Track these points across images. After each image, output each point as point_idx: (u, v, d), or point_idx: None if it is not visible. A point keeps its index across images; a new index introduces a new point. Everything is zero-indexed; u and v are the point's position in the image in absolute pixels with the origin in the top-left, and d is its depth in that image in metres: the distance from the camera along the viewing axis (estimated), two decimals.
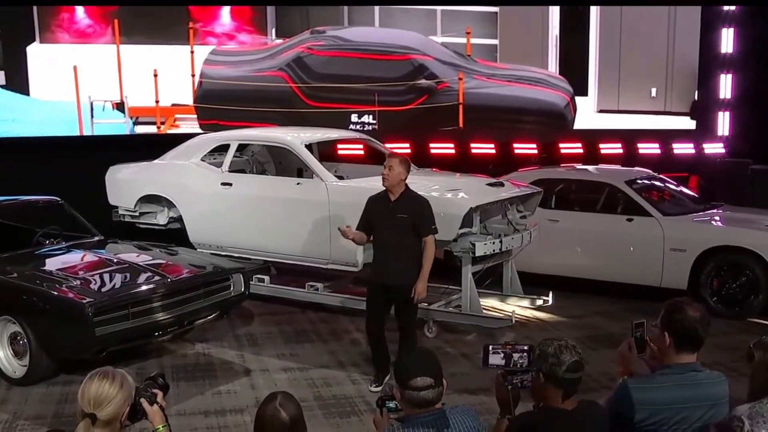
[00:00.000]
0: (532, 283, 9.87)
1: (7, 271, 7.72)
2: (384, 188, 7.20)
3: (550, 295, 9.55)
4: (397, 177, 7.04)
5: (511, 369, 3.97)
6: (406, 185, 7.15)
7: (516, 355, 3.99)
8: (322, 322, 9.45)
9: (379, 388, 7.22)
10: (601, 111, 15.72)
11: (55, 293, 7.23)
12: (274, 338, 8.93)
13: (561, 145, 14.70)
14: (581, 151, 14.62)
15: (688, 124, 15.61)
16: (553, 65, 15.49)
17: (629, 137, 14.99)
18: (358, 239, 7.44)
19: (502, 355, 3.99)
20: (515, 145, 14.69)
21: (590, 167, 11.82)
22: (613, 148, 14.81)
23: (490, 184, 9.15)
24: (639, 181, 10.58)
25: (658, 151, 15.03)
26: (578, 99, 15.21)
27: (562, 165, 12.73)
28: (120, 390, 3.36)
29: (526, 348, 4.00)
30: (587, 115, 15.48)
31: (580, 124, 15.20)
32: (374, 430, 3.94)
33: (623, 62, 15.44)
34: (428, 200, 7.28)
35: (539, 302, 9.58)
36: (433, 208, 8.25)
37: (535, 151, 14.67)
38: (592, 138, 14.81)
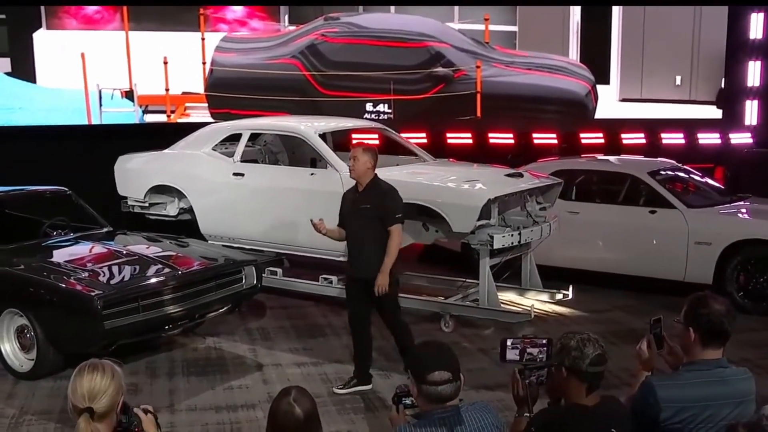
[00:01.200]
0: (552, 277, 9.86)
1: (13, 263, 7.76)
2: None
3: (570, 289, 9.52)
4: (362, 167, 6.94)
5: (528, 364, 3.96)
6: (375, 175, 7.05)
7: (534, 350, 3.98)
8: (335, 315, 9.45)
9: (343, 391, 7.18)
10: (623, 100, 15.64)
11: (63, 285, 7.26)
12: (286, 332, 8.95)
13: (582, 135, 14.65)
14: (602, 141, 14.58)
15: (714, 113, 15.51)
16: (573, 53, 15.43)
17: (652, 127, 14.93)
18: (333, 235, 7.33)
19: (520, 349, 3.98)
20: (534, 135, 14.66)
21: (612, 158, 11.77)
22: (636, 138, 14.76)
23: (508, 175, 9.13)
24: (662, 172, 10.52)
25: (683, 141, 14.96)
26: (600, 87, 15.15)
27: (582, 155, 12.69)
28: (112, 380, 3.36)
29: (544, 342, 3.99)
30: (609, 103, 15.41)
31: (601, 113, 15.14)
32: (387, 427, 3.93)
33: (647, 49, 15.36)
34: (395, 189, 7.12)
35: (559, 296, 9.55)
36: (450, 199, 8.28)
37: (555, 141, 14.63)
38: (613, 128, 14.76)
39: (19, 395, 7.21)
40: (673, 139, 14.93)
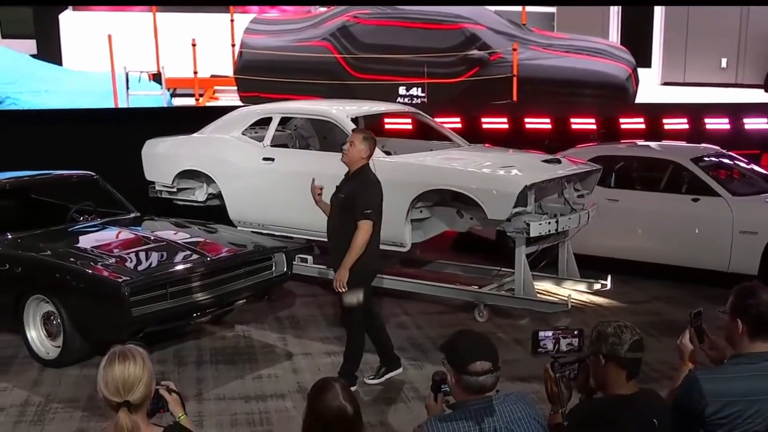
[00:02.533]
0: (590, 266, 9.79)
1: (40, 249, 7.83)
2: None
3: (609, 278, 9.45)
4: (357, 154, 6.79)
5: (559, 357, 3.93)
6: (366, 166, 6.89)
7: (565, 341, 3.95)
8: None
9: (375, 381, 7.15)
10: (665, 83, 15.51)
11: (90, 272, 7.30)
12: (316, 321, 8.97)
13: (621, 120, 14.52)
14: (643, 126, 14.44)
15: (761, 97, 15.32)
16: (614, 35, 15.31)
17: (696, 112, 14.75)
18: (324, 208, 7.15)
19: (553, 341, 3.95)
20: (573, 120, 14.55)
21: (653, 143, 11.67)
22: (678, 124, 14.59)
23: (545, 161, 9.09)
24: (706, 159, 10.42)
25: (728, 127, 14.75)
26: (641, 71, 15.02)
27: (622, 141, 12.60)
28: (144, 367, 3.29)
29: (576, 333, 3.97)
30: (650, 87, 15.29)
31: (642, 97, 15.02)
32: (422, 418, 3.90)
33: (691, 30, 15.20)
34: (378, 184, 6.91)
35: (597, 286, 9.49)
36: (485, 185, 8.25)
37: (594, 127, 14.51)
38: (655, 112, 14.62)
39: (45, 383, 7.29)
40: (717, 124, 14.74)
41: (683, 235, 9.87)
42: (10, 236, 8.08)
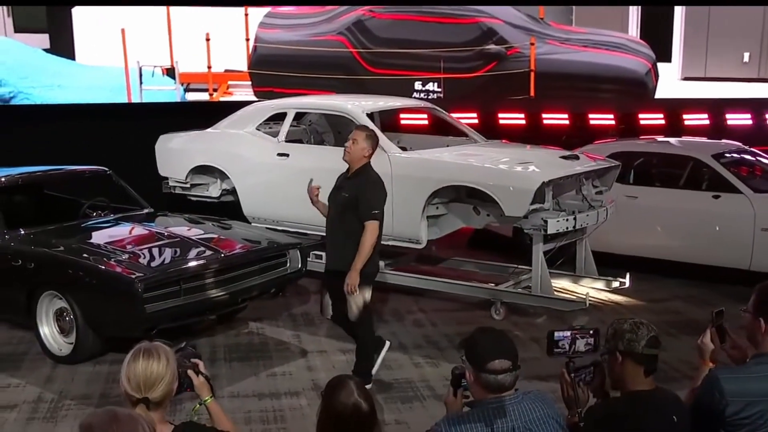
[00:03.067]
0: (608, 264, 9.77)
1: (52, 244, 7.86)
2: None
3: (627, 276, 9.42)
4: (359, 152, 6.76)
5: (575, 359, 3.93)
6: (368, 164, 6.86)
7: (582, 341, 3.95)
8: (382, 301, 9.45)
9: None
10: (685, 78, 15.45)
11: (103, 267, 7.33)
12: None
13: (641, 116, 14.46)
14: (663, 122, 14.39)
15: None
16: (633, 29, 15.25)
17: (717, 107, 14.68)
18: (320, 208, 7.13)
19: (569, 341, 3.95)
20: (591, 116, 14.51)
21: (673, 139, 11.63)
22: (699, 119, 14.53)
23: (563, 157, 9.06)
24: (727, 155, 10.37)
25: (750, 122, 14.67)
26: (661, 65, 14.97)
27: (641, 137, 12.54)
28: (167, 367, 3.33)
29: (592, 332, 3.96)
30: (670, 82, 15.24)
31: (662, 92, 14.96)
32: (437, 416, 3.90)
33: (712, 24, 15.13)
34: (382, 183, 6.89)
35: (615, 284, 9.46)
36: (502, 181, 8.24)
37: (613, 122, 14.46)
38: (675, 108, 14.56)
39: (58, 379, 7.32)
40: (739, 119, 14.66)
41: (704, 232, 9.83)
42: (22, 232, 8.14)
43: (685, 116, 14.48)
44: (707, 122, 14.52)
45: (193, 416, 3.84)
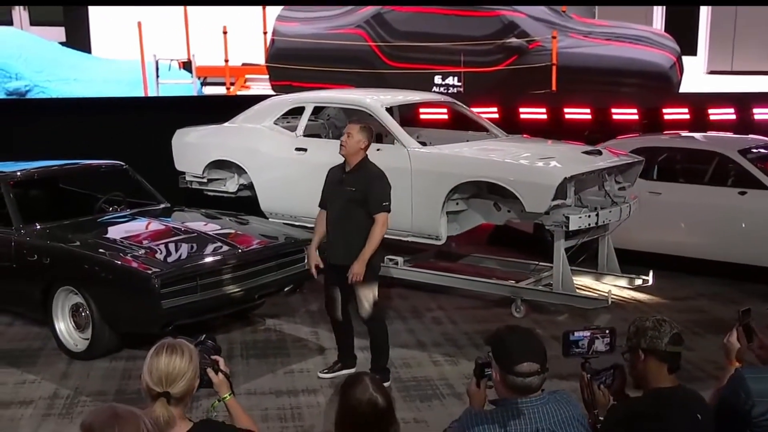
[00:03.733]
0: (631, 261, 9.74)
1: (68, 240, 7.91)
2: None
3: (651, 274, 9.39)
4: (355, 145, 6.82)
5: (590, 357, 3.92)
6: (366, 156, 6.92)
7: (599, 341, 3.93)
8: (401, 298, 9.47)
9: (328, 375, 7.19)
10: (711, 72, 15.37)
11: (119, 263, 7.37)
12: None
13: (665, 111, 14.38)
14: (688, 116, 14.29)
15: None
16: (658, 21, 15.18)
17: (744, 101, 14.57)
18: (320, 236, 7.12)
19: (587, 341, 3.94)
20: (614, 110, 14.43)
21: (698, 134, 11.55)
22: (725, 114, 14.42)
23: (585, 153, 9.04)
24: (754, 150, 10.30)
25: None
26: (686, 59, 14.89)
27: (665, 132, 12.49)
28: (190, 363, 3.37)
29: (608, 331, 3.95)
30: (696, 76, 15.16)
31: (687, 86, 14.90)
32: (457, 415, 3.89)
33: (740, 16, 15.02)
34: (384, 174, 6.93)
35: (638, 282, 9.43)
36: (523, 177, 8.22)
37: (636, 117, 14.38)
38: (700, 102, 14.46)
39: (73, 375, 7.37)
40: (766, 114, 14.55)
41: (729, 229, 9.78)
42: (38, 226, 8.18)
43: (710, 111, 14.38)
44: (733, 117, 14.41)
45: (211, 413, 3.85)
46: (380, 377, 5.61)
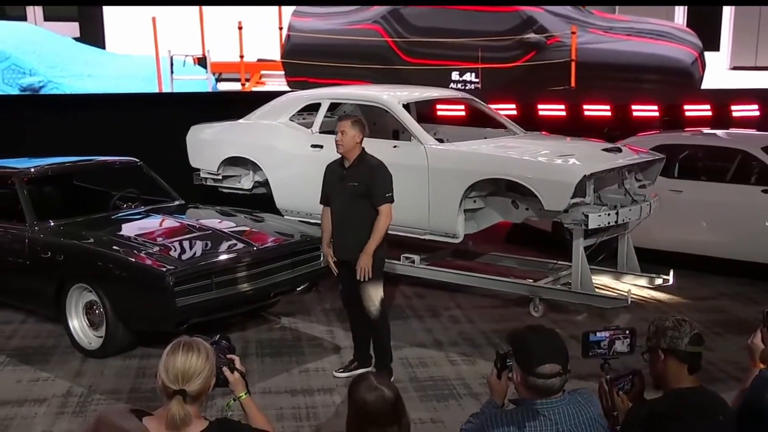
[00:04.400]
0: (651, 260, 9.73)
1: (82, 236, 7.95)
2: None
3: (671, 273, 9.36)
4: (351, 141, 6.85)
5: (609, 358, 3.92)
6: (363, 149, 6.95)
7: (620, 342, 3.93)
8: (418, 297, 9.49)
9: (344, 375, 7.20)
10: (734, 68, 15.30)
11: (134, 260, 7.41)
12: None
13: (686, 107, 14.36)
14: (710, 113, 14.26)
15: None
16: (680, 16, 15.12)
17: None
18: (327, 235, 7.16)
19: (607, 342, 3.93)
20: (634, 107, 14.42)
21: (720, 131, 11.54)
22: (748, 110, 14.39)
23: (605, 150, 9.03)
24: None
25: None
26: (708, 54, 14.83)
27: (687, 129, 12.44)
28: (206, 361, 3.39)
29: (628, 332, 3.94)
30: (718, 72, 15.09)
31: (709, 82, 14.85)
32: (469, 412, 3.90)
33: (764, 10, 14.93)
34: (385, 165, 6.97)
35: (659, 281, 9.40)
36: (542, 175, 8.22)
37: (657, 114, 14.37)
38: (723, 99, 14.43)
39: (87, 374, 7.41)
40: None
41: (752, 228, 9.74)
42: (52, 223, 8.23)
43: (733, 107, 14.35)
44: (757, 113, 14.38)
45: (227, 412, 3.87)
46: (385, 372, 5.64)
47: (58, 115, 12.63)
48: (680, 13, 15.12)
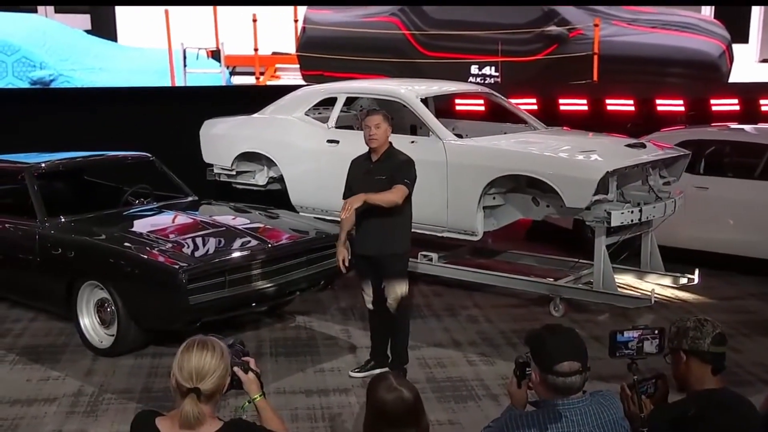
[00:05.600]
0: (676, 259, 9.70)
1: (93, 233, 7.97)
2: (368, 149, 7.05)
3: (696, 273, 9.33)
4: (384, 135, 6.89)
5: (637, 358, 3.91)
6: (391, 144, 7.00)
7: (648, 343, 3.92)
8: (435, 295, 9.50)
9: (360, 375, 7.21)
10: (764, 60, 15.22)
11: (146, 257, 7.43)
12: None
13: (713, 102, 14.30)
14: (738, 107, 14.20)
15: None
16: (707, 8, 15.06)
17: None
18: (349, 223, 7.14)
19: (636, 342, 3.93)
20: (658, 102, 14.38)
21: (748, 126, 11.47)
22: None
23: (628, 146, 9.00)
24: None
25: None
26: (736, 47, 14.77)
27: (713, 124, 12.41)
28: (221, 360, 3.41)
29: (657, 332, 3.93)
30: (747, 65, 15.02)
31: (737, 76, 14.80)
32: (493, 417, 3.91)
33: None
34: (413, 160, 7.01)
35: (683, 281, 9.38)
36: (563, 171, 8.21)
37: (682, 108, 14.32)
38: (751, 92, 14.37)
39: (98, 372, 7.44)
40: None
41: None
42: (62, 219, 8.25)
43: (762, 101, 14.28)
44: None
45: (240, 413, 3.89)
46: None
47: (69, 109, 12.66)
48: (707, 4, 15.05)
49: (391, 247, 6.94)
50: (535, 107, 13.40)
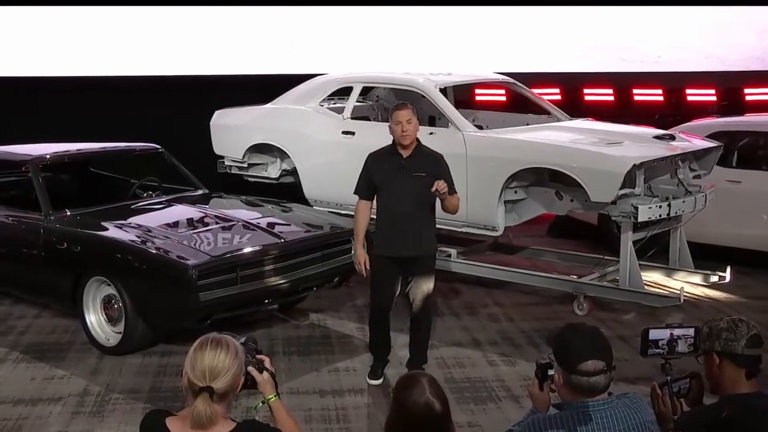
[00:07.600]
0: (706, 256, 9.68)
1: (100, 227, 8.01)
2: (390, 144, 7.06)
3: (728, 270, 9.29)
4: (415, 129, 6.90)
5: (670, 358, 3.90)
6: (418, 139, 7.02)
7: (683, 342, 3.91)
8: (454, 293, 9.50)
9: (377, 382, 7.20)
10: None
11: (155, 252, 7.45)
12: (398, 310, 8.85)
13: (747, 90, 14.24)
14: None
15: None
16: None
17: None
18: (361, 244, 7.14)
19: (667, 341, 3.92)
20: (688, 91, 14.32)
21: None
22: None
23: (657, 137, 8.97)
24: None
25: None
26: None
27: (747, 114, 12.34)
28: (235, 359, 3.41)
29: (691, 331, 3.92)
30: None
31: None
32: (513, 419, 3.91)
33: None
34: (442, 155, 7.08)
35: (714, 279, 9.34)
36: (588, 164, 8.20)
37: (714, 98, 14.27)
38: None
39: (104, 371, 7.47)
40: None
41: None
42: (68, 213, 8.29)
43: None
44: None
45: (254, 414, 3.90)
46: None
47: (76, 98, 12.70)
48: None
49: (429, 248, 7.04)
50: (558, 97, 13.37)
